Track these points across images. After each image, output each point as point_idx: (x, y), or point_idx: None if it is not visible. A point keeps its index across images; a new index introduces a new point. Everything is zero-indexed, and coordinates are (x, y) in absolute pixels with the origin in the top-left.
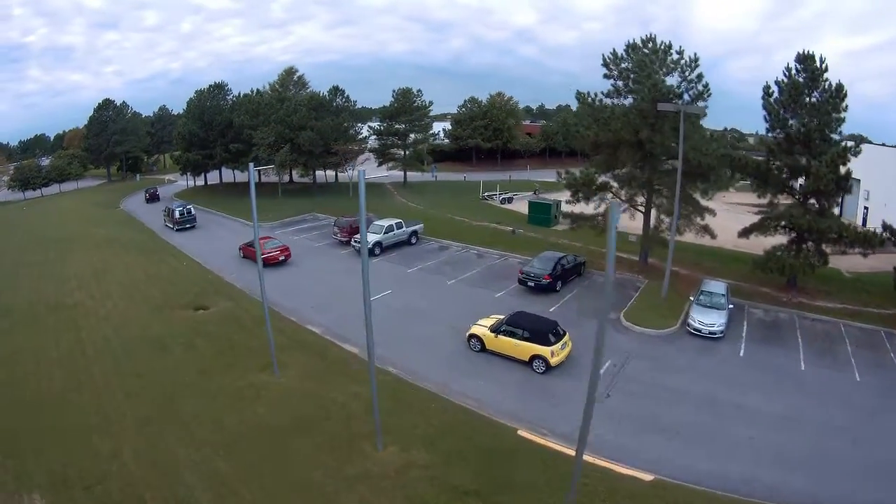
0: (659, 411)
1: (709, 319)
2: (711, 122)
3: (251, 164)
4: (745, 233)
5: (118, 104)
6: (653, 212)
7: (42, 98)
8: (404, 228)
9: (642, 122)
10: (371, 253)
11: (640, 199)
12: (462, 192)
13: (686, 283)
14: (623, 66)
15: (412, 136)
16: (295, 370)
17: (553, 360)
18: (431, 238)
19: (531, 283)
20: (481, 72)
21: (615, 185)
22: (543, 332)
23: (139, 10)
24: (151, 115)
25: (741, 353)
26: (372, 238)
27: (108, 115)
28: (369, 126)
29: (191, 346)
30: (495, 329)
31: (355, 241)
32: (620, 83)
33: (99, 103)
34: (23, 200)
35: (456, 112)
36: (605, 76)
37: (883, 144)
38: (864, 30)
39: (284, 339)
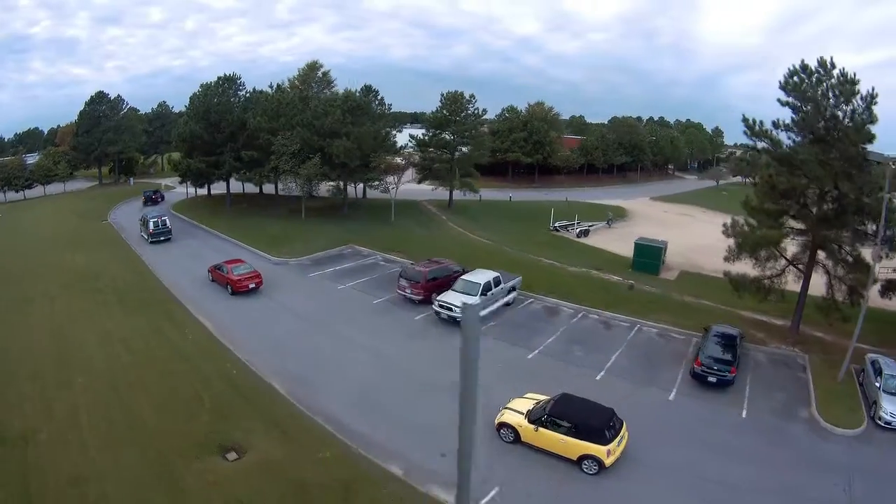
0: None
1: None
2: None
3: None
4: (886, 290)
5: (112, 98)
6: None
7: (44, 90)
8: (503, 285)
9: (842, 168)
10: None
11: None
12: (519, 217)
13: (837, 352)
14: (803, 92)
15: (462, 148)
16: None
17: (608, 461)
18: (529, 294)
19: (713, 379)
20: (484, 80)
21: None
22: (598, 426)
23: (144, 6)
24: (150, 111)
25: None
26: (466, 302)
27: (101, 109)
28: (410, 136)
29: None
30: (536, 419)
31: (443, 305)
32: (802, 115)
33: (91, 96)
34: (1, 204)
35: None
36: (783, 103)
37: None
38: (871, 46)
39: None
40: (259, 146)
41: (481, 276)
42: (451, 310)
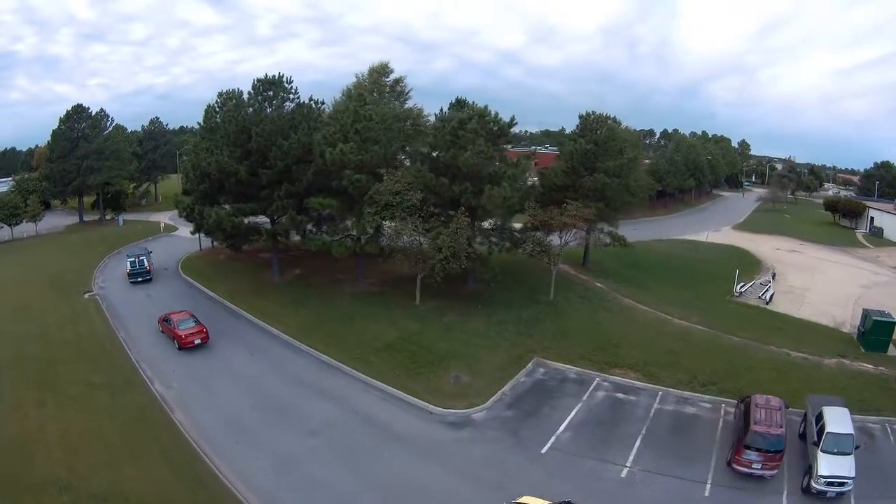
0: None
1: None
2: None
3: None
4: None
5: (94, 114)
6: None
7: (29, 108)
8: None
9: None
10: None
11: None
12: (673, 274)
13: None
14: None
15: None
16: None
17: None
18: None
19: None
20: (466, 93)
21: None
22: None
23: (127, 22)
24: (141, 129)
25: None
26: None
27: (80, 128)
28: (541, 173)
29: None
30: None
31: (834, 481)
32: None
33: (67, 111)
34: None
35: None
36: None
37: None
38: (850, 48)
39: None
40: (341, 190)
41: (845, 422)
42: (843, 485)
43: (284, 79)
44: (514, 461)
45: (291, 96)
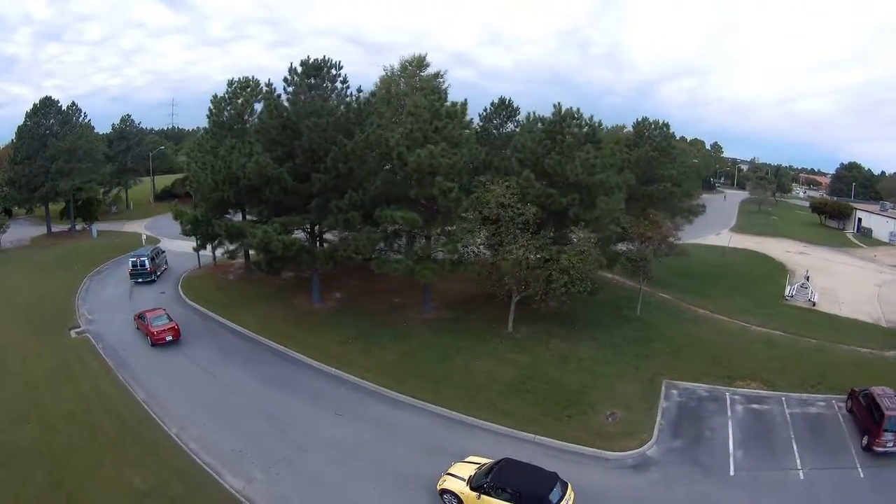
0: None
1: None
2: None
3: None
4: None
5: (64, 108)
6: None
7: None
8: None
9: None
10: None
11: None
12: (719, 279)
13: None
14: None
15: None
16: None
17: None
18: None
19: None
20: None
21: None
22: (542, 493)
23: (83, 22)
24: (112, 127)
25: None
26: None
27: (49, 124)
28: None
29: None
30: (478, 486)
31: None
32: None
33: (34, 105)
34: None
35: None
36: None
37: None
38: (800, 51)
39: None
40: (420, 200)
41: None
42: None
43: (333, 64)
44: (716, 492)
45: (340, 86)
